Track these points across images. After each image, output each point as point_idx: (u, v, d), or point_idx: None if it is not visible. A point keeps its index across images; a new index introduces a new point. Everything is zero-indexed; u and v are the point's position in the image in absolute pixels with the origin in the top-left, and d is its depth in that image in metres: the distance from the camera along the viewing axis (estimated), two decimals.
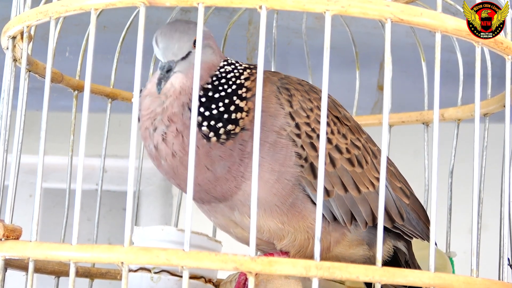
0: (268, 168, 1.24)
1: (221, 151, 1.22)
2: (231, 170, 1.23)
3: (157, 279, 1.32)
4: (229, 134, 1.22)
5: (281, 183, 1.25)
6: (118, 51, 1.71)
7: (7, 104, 1.32)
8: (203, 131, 1.22)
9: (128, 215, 1.04)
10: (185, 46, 1.23)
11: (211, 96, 1.23)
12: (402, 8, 1.08)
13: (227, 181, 1.24)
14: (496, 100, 1.57)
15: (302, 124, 1.26)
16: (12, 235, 1.15)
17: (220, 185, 1.24)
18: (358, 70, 1.82)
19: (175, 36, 1.23)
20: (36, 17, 1.17)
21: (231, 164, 1.23)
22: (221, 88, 1.24)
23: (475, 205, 1.13)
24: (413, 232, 1.37)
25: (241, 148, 1.22)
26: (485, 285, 1.09)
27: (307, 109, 1.28)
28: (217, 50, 1.30)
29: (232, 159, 1.23)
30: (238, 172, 1.23)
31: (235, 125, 1.22)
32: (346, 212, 1.29)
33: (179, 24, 1.25)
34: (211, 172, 1.23)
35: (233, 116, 1.23)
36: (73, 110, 1.60)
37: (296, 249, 1.29)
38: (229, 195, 1.25)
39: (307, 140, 1.26)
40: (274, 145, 1.25)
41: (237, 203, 1.26)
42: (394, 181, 1.37)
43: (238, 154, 1.22)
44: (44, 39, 1.21)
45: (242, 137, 1.22)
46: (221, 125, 1.22)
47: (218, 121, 1.22)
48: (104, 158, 1.65)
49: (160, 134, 1.23)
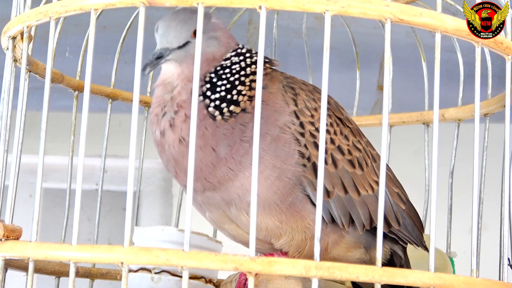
0: (269, 164, 1.24)
1: (224, 129, 1.24)
2: (232, 149, 1.23)
3: (158, 279, 1.32)
4: (232, 113, 1.24)
5: (281, 181, 1.25)
6: (118, 51, 1.71)
7: (7, 104, 1.32)
8: (210, 111, 1.24)
9: (128, 215, 1.04)
10: (182, 35, 1.24)
11: (215, 82, 1.25)
12: (402, 8, 1.08)
13: (226, 162, 1.24)
14: (496, 100, 1.57)
15: (306, 123, 1.27)
16: (12, 235, 1.15)
17: (220, 167, 1.24)
18: (358, 70, 1.82)
19: (173, 25, 1.24)
20: (36, 17, 1.17)
21: (232, 143, 1.23)
22: (224, 77, 1.25)
23: (475, 205, 1.13)
24: (408, 238, 1.37)
25: (241, 129, 1.24)
26: (485, 285, 1.09)
27: (312, 108, 1.28)
28: (226, 41, 1.29)
29: (234, 138, 1.24)
30: (238, 154, 1.23)
31: (237, 106, 1.24)
32: (345, 214, 1.29)
33: (182, 13, 1.26)
34: (215, 153, 1.24)
35: (235, 98, 1.24)
36: (74, 110, 1.60)
37: (294, 249, 1.29)
38: (226, 181, 1.25)
39: (310, 139, 1.26)
40: (277, 140, 1.25)
41: (234, 197, 1.26)
42: (392, 186, 1.37)
43: (239, 134, 1.23)
44: (44, 39, 1.21)
45: (243, 117, 1.24)
46: (225, 105, 1.24)
47: (222, 101, 1.24)
48: (104, 158, 1.65)
49: (168, 120, 1.25)
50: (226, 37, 1.30)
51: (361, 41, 2.05)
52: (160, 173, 3.16)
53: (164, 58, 1.23)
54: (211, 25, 1.28)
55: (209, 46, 1.26)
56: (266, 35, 1.06)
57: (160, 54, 1.23)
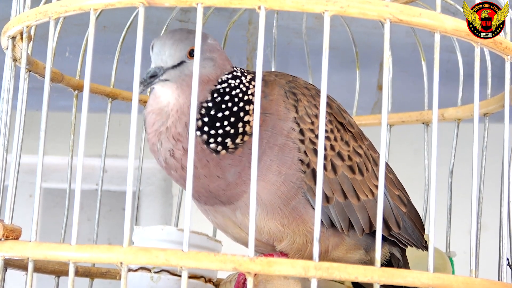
0: (275, 170, 1.24)
1: (230, 160, 1.22)
2: (241, 175, 1.23)
3: (157, 278, 1.32)
4: (238, 144, 1.22)
5: (286, 186, 1.25)
6: (118, 51, 1.71)
7: (7, 104, 1.32)
8: (211, 147, 1.21)
9: (127, 215, 1.04)
10: (177, 55, 1.20)
11: (215, 115, 1.21)
12: (401, 9, 1.07)
13: (236, 186, 1.23)
14: (496, 100, 1.57)
15: (306, 130, 1.26)
16: (12, 235, 1.15)
17: (230, 189, 1.24)
18: (358, 70, 1.82)
19: (168, 43, 1.21)
20: (35, 17, 1.17)
21: (241, 169, 1.22)
22: (225, 106, 1.22)
23: (474, 205, 1.13)
24: (409, 240, 1.37)
25: (250, 153, 1.21)
26: (485, 285, 1.08)
27: (312, 115, 1.27)
28: (222, 63, 1.26)
29: (242, 165, 1.22)
30: (247, 176, 1.22)
31: (243, 135, 1.22)
32: (344, 219, 1.29)
33: (179, 32, 1.23)
34: (222, 179, 1.23)
35: (241, 131, 1.22)
36: (73, 110, 1.60)
37: (294, 252, 1.29)
38: (236, 199, 1.25)
39: (310, 146, 1.25)
40: (283, 148, 1.24)
41: (241, 205, 1.26)
42: (393, 189, 1.37)
43: (247, 159, 1.21)
44: (44, 39, 1.20)
45: (250, 142, 1.19)
46: (229, 140, 1.21)
47: (226, 137, 1.21)
48: (104, 158, 1.65)
49: (168, 150, 1.23)
50: (222, 59, 1.26)
51: (361, 41, 2.05)
52: (160, 173, 3.16)
53: (158, 77, 1.20)
54: (207, 46, 1.24)
55: (205, 67, 1.23)
56: (266, 35, 1.06)
57: (154, 72, 1.20)
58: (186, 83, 1.20)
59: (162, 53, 1.21)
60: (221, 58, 1.26)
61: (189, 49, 1.21)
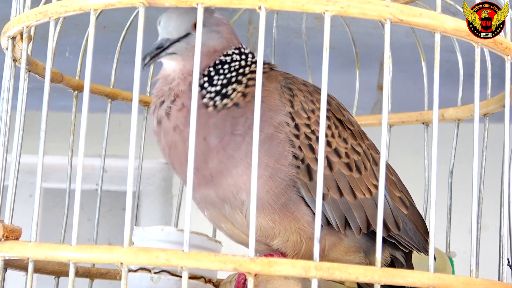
0: (262, 162, 1.24)
1: (216, 119, 1.25)
2: (222, 141, 1.24)
3: (157, 279, 1.32)
4: (224, 106, 1.25)
5: (274, 181, 1.25)
6: (118, 51, 1.71)
7: (7, 104, 1.32)
8: (204, 102, 1.25)
9: (127, 215, 1.04)
10: (182, 26, 1.25)
11: (213, 76, 1.26)
12: (401, 9, 1.08)
13: (217, 154, 1.24)
14: (496, 100, 1.57)
15: (302, 125, 1.26)
16: (12, 235, 1.15)
17: (211, 157, 1.24)
18: (358, 70, 1.82)
19: (173, 16, 1.25)
20: (35, 18, 1.17)
21: (222, 135, 1.24)
22: (222, 72, 1.27)
23: (474, 205, 1.13)
24: (409, 243, 1.36)
25: (232, 122, 1.24)
26: (485, 285, 1.09)
27: (309, 110, 1.28)
28: (229, 36, 1.30)
29: (224, 130, 1.24)
30: (229, 146, 1.24)
31: (229, 99, 1.25)
32: (340, 216, 1.29)
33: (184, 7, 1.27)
34: (206, 143, 1.24)
35: (229, 93, 1.25)
36: (73, 110, 1.61)
37: (290, 250, 1.29)
38: (218, 174, 1.25)
39: (305, 142, 1.26)
40: (271, 139, 1.25)
41: (228, 195, 1.26)
42: (394, 191, 1.36)
43: (229, 126, 1.24)
44: (44, 39, 1.20)
45: (234, 111, 1.25)
46: (218, 98, 1.25)
47: (217, 94, 1.25)
48: (104, 158, 1.65)
49: (165, 108, 1.26)
50: (229, 33, 1.30)
51: (361, 41, 2.05)
52: (160, 173, 3.16)
53: (164, 49, 1.24)
54: (214, 20, 1.28)
55: (211, 39, 1.27)
56: (266, 35, 1.06)
57: (160, 44, 1.24)
58: (192, 54, 1.23)
59: (168, 25, 1.25)
60: (228, 31, 1.31)
61: (194, 21, 1.24)
